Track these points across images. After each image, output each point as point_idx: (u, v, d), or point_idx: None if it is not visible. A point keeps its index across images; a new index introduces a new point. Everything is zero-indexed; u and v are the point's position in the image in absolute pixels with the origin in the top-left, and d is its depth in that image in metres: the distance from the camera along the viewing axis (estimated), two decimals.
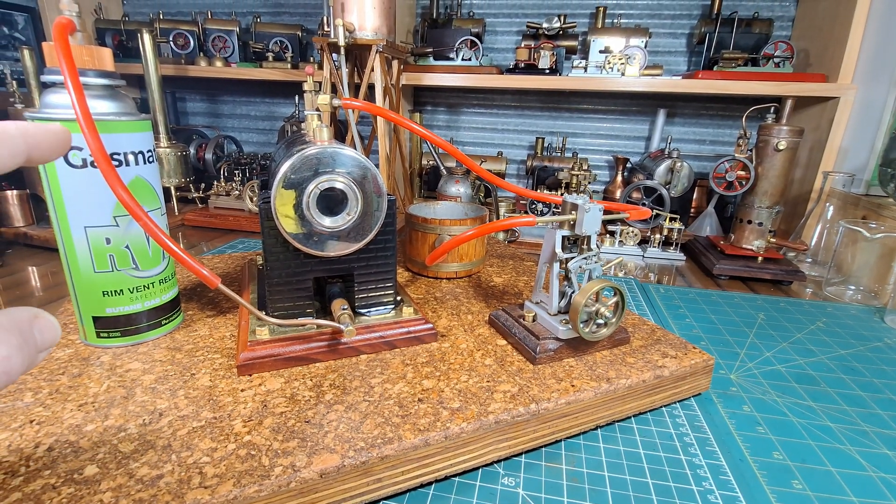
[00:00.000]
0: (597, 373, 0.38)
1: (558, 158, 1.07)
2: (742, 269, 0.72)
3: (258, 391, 0.36)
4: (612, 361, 0.40)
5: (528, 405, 0.34)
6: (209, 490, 0.26)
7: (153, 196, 0.41)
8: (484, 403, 0.34)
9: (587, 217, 0.38)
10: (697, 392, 0.42)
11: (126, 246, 0.39)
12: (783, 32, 1.01)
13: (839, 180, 0.79)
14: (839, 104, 0.84)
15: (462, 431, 0.32)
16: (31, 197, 0.76)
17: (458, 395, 0.35)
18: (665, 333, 0.45)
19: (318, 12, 1.20)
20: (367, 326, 0.41)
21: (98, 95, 0.37)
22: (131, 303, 0.41)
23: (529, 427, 0.34)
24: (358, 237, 0.39)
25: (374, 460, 0.29)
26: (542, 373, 0.38)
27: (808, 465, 0.34)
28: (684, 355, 0.41)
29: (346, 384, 0.37)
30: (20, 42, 1.13)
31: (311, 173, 0.36)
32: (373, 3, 0.73)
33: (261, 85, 1.28)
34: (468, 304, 0.51)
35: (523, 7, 1.10)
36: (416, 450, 0.30)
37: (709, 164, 1.07)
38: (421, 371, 0.38)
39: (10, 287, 0.61)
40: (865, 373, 0.47)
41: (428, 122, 1.22)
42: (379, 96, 0.76)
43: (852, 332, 0.55)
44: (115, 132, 0.37)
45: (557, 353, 0.40)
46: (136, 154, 0.39)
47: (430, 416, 0.33)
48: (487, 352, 0.42)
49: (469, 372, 0.38)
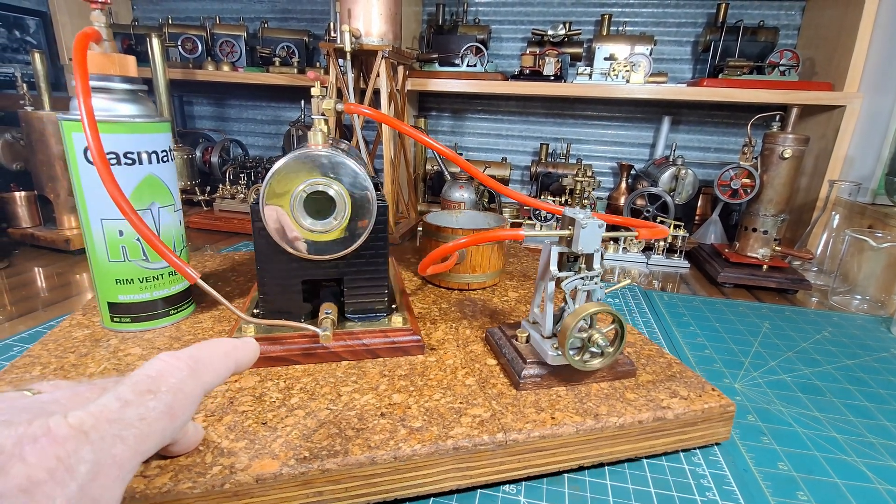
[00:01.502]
0: (585, 406, 0.34)
1: (562, 165, 1.07)
2: (747, 278, 0.72)
3: (231, 387, 0.36)
4: (607, 396, 0.36)
5: (494, 434, 0.31)
6: (146, 480, 0.27)
7: (165, 193, 0.43)
8: (447, 426, 0.32)
9: (584, 234, 0.34)
10: (713, 442, 0.37)
11: (137, 239, 0.42)
12: (789, 41, 1.01)
13: (845, 189, 0.78)
14: (845, 113, 0.84)
15: (414, 454, 0.30)
16: (38, 198, 0.77)
17: (423, 414, 0.33)
18: (683, 370, 0.40)
19: (324, 18, 1.21)
20: (351, 333, 0.40)
21: (121, 99, 0.40)
22: (141, 292, 0.44)
23: (495, 458, 0.31)
24: (346, 243, 0.39)
25: (314, 472, 0.28)
26: (524, 400, 0.35)
27: (813, 477, 0.34)
28: (698, 397, 0.36)
29: (316, 389, 0.36)
30: (31, 46, 1.15)
31: (299, 176, 0.36)
32: (379, 10, 0.73)
33: (267, 89, 1.29)
34: (471, 318, 0.49)
35: (528, 14, 1.11)
36: (362, 467, 0.29)
37: (713, 171, 1.06)
38: (395, 384, 0.37)
39: (17, 287, 0.62)
40: (872, 383, 0.46)
41: (432, 127, 1.23)
42: (384, 101, 0.77)
43: (858, 342, 0.55)
44: (132, 133, 0.40)
45: (545, 380, 0.36)
46: (150, 153, 0.42)
47: (387, 432, 0.31)
48: (472, 371, 0.39)
49: (445, 390, 0.36)
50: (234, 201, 0.97)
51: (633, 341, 0.45)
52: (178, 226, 0.46)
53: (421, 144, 1.08)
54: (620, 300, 0.65)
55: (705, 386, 0.38)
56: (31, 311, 0.55)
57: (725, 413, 0.36)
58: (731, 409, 0.36)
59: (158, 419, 0.21)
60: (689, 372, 0.40)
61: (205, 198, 1.00)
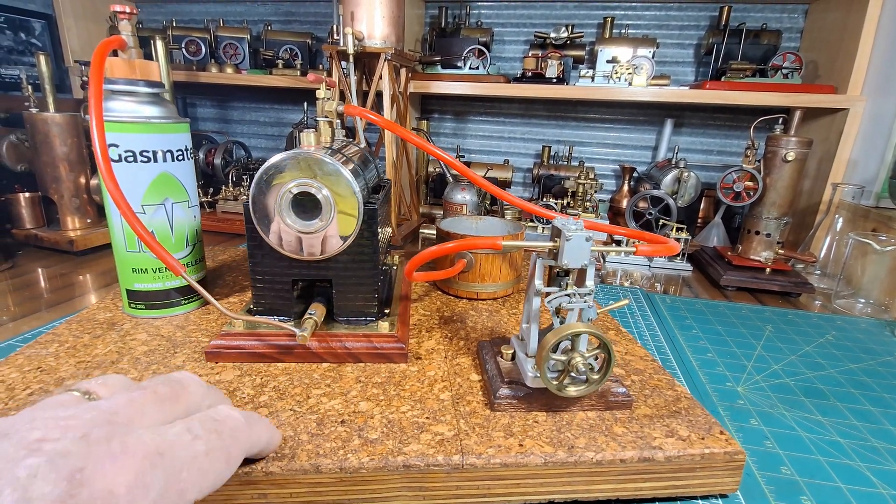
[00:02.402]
0: (562, 436, 0.31)
1: (565, 167, 1.07)
2: (750, 281, 0.72)
3: (210, 379, 0.37)
4: (591, 427, 0.33)
5: (450, 455, 0.29)
6: None
7: (180, 189, 0.46)
8: (404, 441, 0.30)
9: (568, 247, 0.31)
10: (715, 492, 0.32)
11: (151, 231, 0.45)
12: (792, 44, 1.01)
13: (848, 192, 0.78)
14: (848, 116, 0.84)
15: (361, 466, 0.28)
16: (42, 199, 0.77)
17: (384, 426, 0.32)
18: (692, 406, 0.36)
19: (327, 21, 1.21)
20: (335, 335, 0.40)
21: (144, 101, 0.43)
22: (154, 281, 0.47)
23: (451, 482, 0.29)
24: (332, 244, 0.39)
25: (258, 473, 0.28)
26: (496, 422, 0.33)
27: (816, 481, 0.33)
28: (699, 439, 0.32)
29: (288, 389, 0.36)
30: (37, 48, 1.15)
31: (286, 176, 0.37)
32: (382, 12, 0.73)
33: (270, 91, 1.29)
34: (471, 330, 0.47)
35: (531, 17, 1.11)
36: (306, 474, 0.28)
37: (716, 174, 1.06)
38: (367, 391, 0.36)
39: (21, 288, 0.62)
40: (876, 387, 0.46)
41: (435, 129, 1.23)
42: (387, 104, 0.77)
43: (862, 346, 0.55)
44: (147, 132, 0.43)
45: (524, 402, 0.34)
46: (165, 152, 0.44)
47: (340, 441, 0.30)
48: (451, 385, 0.37)
49: (415, 403, 0.35)
50: (236, 203, 0.97)
51: (643, 368, 0.41)
52: (193, 221, 0.48)
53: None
54: None
55: (713, 427, 0.33)
56: (35, 312, 0.55)
57: (732, 461, 0.31)
58: (741, 458, 0.31)
59: (219, 459, 0.22)
60: (699, 409, 0.35)
61: (208, 199, 1.01)
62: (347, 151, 0.43)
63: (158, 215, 0.45)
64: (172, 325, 0.46)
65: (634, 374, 0.40)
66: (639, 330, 0.56)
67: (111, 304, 0.50)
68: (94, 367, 0.39)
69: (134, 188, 0.43)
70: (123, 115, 0.42)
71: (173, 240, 0.47)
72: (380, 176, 0.53)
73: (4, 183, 0.81)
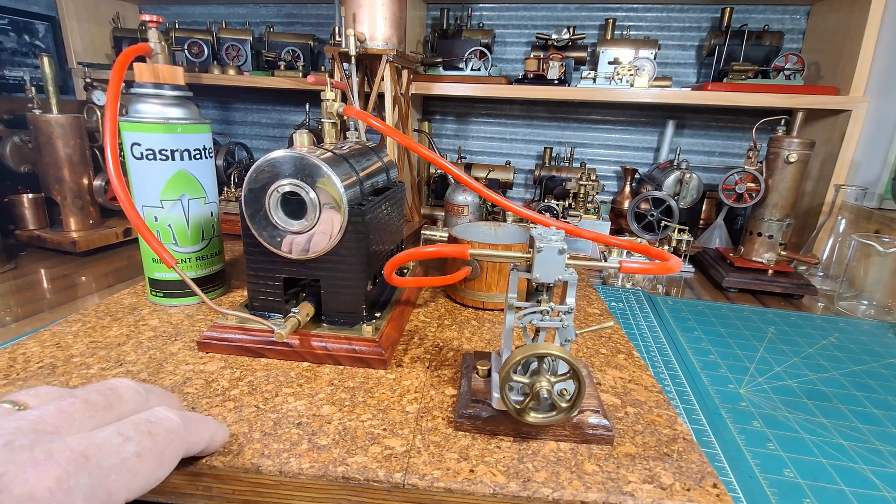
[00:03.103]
0: (521, 467, 0.29)
1: (566, 168, 1.07)
2: (752, 282, 0.72)
3: (195, 368, 0.39)
4: (559, 460, 0.29)
5: (392, 472, 0.28)
6: None
7: (197, 187, 0.50)
8: (351, 451, 0.29)
9: (539, 259, 0.28)
10: None
11: (168, 225, 0.48)
12: (794, 45, 1.01)
13: (851, 193, 0.78)
14: (851, 117, 0.84)
15: (301, 472, 0.28)
16: (45, 200, 0.77)
17: (337, 433, 0.31)
18: (688, 448, 0.31)
19: (329, 22, 1.22)
20: (318, 335, 0.40)
21: (170, 104, 0.47)
22: (170, 271, 0.48)
23: (391, 500, 0.28)
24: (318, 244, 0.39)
25: (202, 466, 0.28)
26: (454, 442, 0.31)
27: (819, 484, 0.33)
28: (685, 490, 0.27)
29: (261, 386, 0.36)
30: (40, 50, 1.16)
31: (273, 176, 0.38)
32: (384, 14, 0.73)
33: (272, 93, 1.29)
34: (466, 340, 0.46)
35: (532, 19, 1.11)
36: (248, 473, 0.28)
37: (718, 175, 1.06)
38: (335, 395, 0.35)
39: (23, 289, 0.62)
40: (879, 390, 0.46)
41: (437, 131, 1.23)
42: (388, 105, 0.77)
43: (865, 348, 0.54)
44: (167, 133, 0.46)
45: (489, 424, 0.31)
46: (183, 151, 0.47)
47: (289, 443, 0.30)
48: (422, 397, 0.36)
49: (378, 412, 0.34)
50: (238, 204, 0.97)
51: (644, 400, 0.37)
52: (210, 217, 0.52)
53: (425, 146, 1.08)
54: (625, 305, 0.65)
55: (705, 478, 0.29)
56: (37, 313, 0.55)
57: None
58: None
59: (151, 460, 0.23)
60: (696, 455, 0.31)
61: None
62: (346, 153, 0.43)
63: (175, 210, 0.48)
64: (184, 314, 0.49)
65: (632, 405, 0.36)
66: (640, 332, 0.56)
67: (140, 290, 0.55)
68: (103, 348, 0.42)
69: (153, 184, 0.47)
70: (145, 117, 0.46)
71: (189, 234, 0.49)
72: (390, 179, 0.53)
73: (8, 184, 0.81)
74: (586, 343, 0.47)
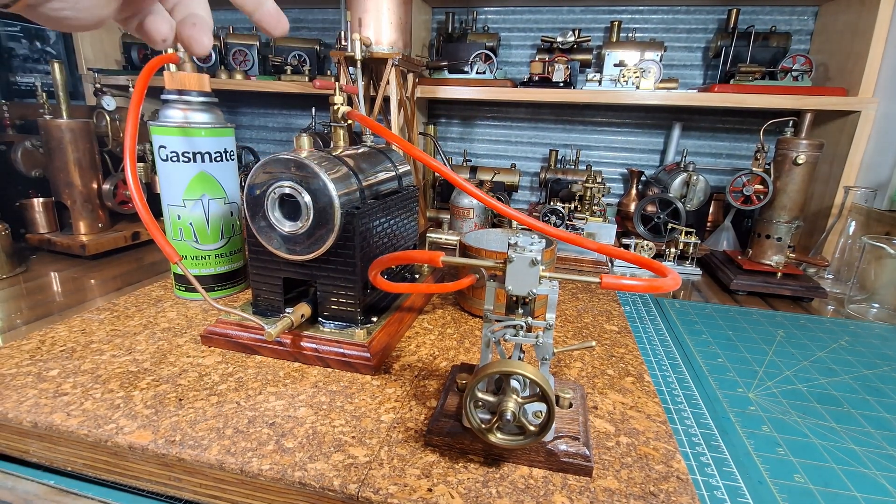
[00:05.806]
0: (483, 491, 0.27)
1: (572, 171, 1.07)
2: (760, 285, 0.71)
3: (194, 361, 0.40)
4: (526, 488, 0.27)
5: (348, 483, 0.27)
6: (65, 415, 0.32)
7: (217, 187, 0.52)
8: (313, 457, 0.29)
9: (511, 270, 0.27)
10: None
11: (190, 223, 0.51)
12: (801, 46, 1.00)
13: (861, 195, 0.77)
14: (860, 118, 0.83)
15: (260, 473, 0.28)
16: (56, 204, 0.78)
17: (306, 437, 0.31)
18: (681, 491, 0.28)
19: (335, 27, 1.22)
20: (311, 336, 0.41)
21: (196, 109, 0.50)
22: (191, 267, 0.53)
23: None
24: (312, 246, 0.40)
25: (172, 458, 0.29)
26: (420, 458, 0.30)
27: (830, 490, 0.33)
28: None
29: (247, 383, 0.37)
30: (51, 56, 1.17)
31: (270, 178, 0.38)
32: (389, 18, 0.74)
33: (279, 97, 1.30)
34: (462, 350, 0.44)
35: (538, 22, 1.11)
36: (212, 468, 0.29)
37: (725, 177, 1.05)
38: (315, 397, 0.35)
39: (34, 292, 0.63)
40: (891, 394, 0.45)
41: (442, 134, 1.23)
42: (394, 109, 0.77)
43: (877, 352, 0.54)
44: (189, 136, 0.49)
45: (459, 441, 0.30)
46: (204, 154, 0.50)
47: (256, 443, 0.30)
48: (401, 407, 0.35)
49: (353, 419, 0.33)
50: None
51: (642, 430, 0.34)
52: (230, 216, 0.54)
53: (430, 150, 1.08)
54: (632, 308, 0.64)
55: None
56: (47, 315, 0.56)
57: None
58: None
59: None
60: (686, 498, 0.28)
61: None
62: (349, 157, 0.43)
63: (196, 209, 0.51)
64: (200, 308, 0.51)
65: (627, 434, 0.33)
66: (647, 335, 0.56)
67: (168, 283, 0.58)
68: (120, 336, 0.45)
69: (177, 185, 0.50)
70: (170, 121, 0.48)
71: (209, 232, 0.52)
72: (402, 184, 0.52)
73: (19, 188, 0.82)
74: (592, 362, 0.44)
